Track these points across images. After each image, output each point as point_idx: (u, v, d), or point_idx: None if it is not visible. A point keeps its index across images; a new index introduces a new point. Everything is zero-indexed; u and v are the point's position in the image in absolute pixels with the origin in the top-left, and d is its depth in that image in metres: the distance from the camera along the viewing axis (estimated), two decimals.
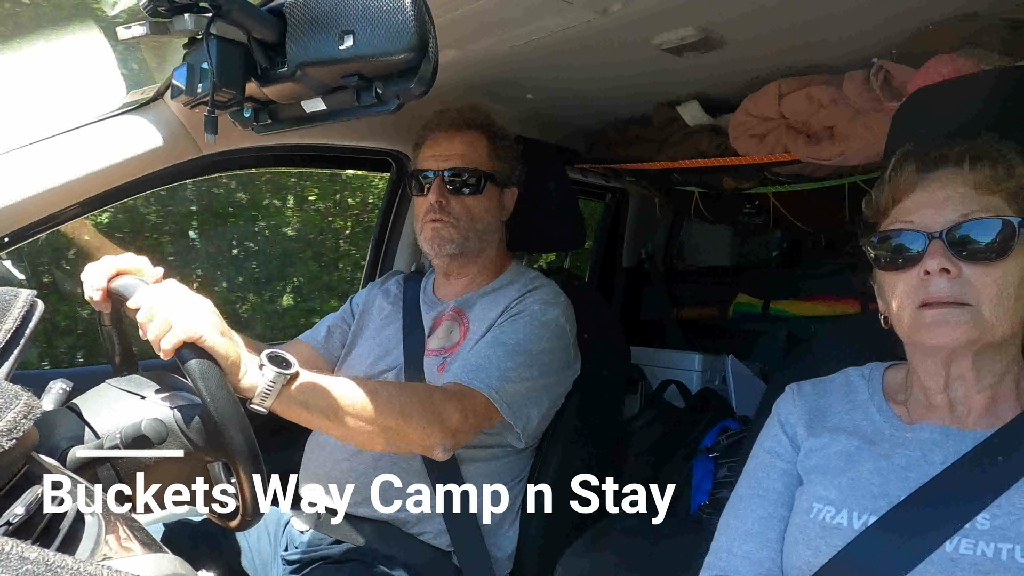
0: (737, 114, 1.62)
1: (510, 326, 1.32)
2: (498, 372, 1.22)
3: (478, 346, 1.30)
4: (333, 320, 1.59)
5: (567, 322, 1.38)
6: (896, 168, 0.85)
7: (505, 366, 1.24)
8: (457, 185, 1.40)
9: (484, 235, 1.44)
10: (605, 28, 1.27)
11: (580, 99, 1.77)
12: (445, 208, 1.40)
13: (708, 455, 1.73)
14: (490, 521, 1.32)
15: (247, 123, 0.87)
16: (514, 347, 1.27)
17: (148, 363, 1.05)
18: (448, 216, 1.40)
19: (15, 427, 0.50)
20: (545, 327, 1.33)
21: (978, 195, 0.79)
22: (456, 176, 1.40)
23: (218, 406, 0.83)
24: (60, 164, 1.20)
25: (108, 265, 1.04)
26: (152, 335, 0.86)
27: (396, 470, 1.29)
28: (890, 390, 0.91)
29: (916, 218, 0.81)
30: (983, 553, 0.72)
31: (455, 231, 1.40)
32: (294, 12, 0.76)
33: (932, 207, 0.80)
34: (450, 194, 1.40)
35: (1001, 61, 1.22)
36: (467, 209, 1.41)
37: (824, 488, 0.84)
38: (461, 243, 1.41)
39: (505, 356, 1.25)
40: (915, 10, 1.23)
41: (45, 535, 0.52)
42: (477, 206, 1.42)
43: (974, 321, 0.76)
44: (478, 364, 1.24)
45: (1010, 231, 0.76)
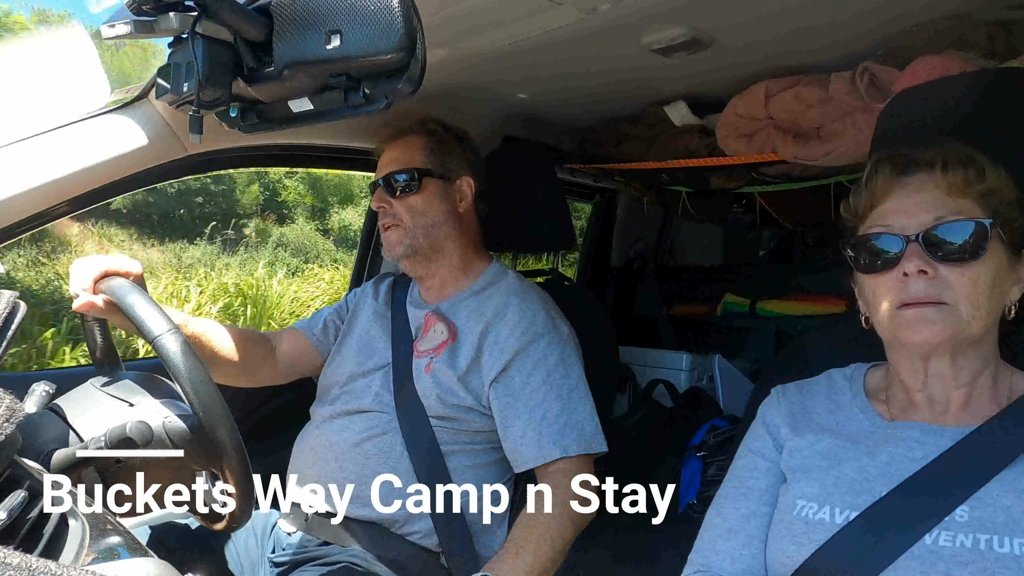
0: (725, 114, 1.62)
1: (534, 361, 1.33)
2: (562, 423, 1.29)
3: (520, 399, 1.31)
4: (329, 314, 1.60)
5: (557, 315, 1.42)
6: (872, 173, 0.88)
7: (563, 413, 1.30)
8: (393, 188, 1.44)
9: (432, 229, 1.45)
10: (594, 28, 1.28)
11: (569, 99, 1.77)
12: (388, 212, 1.44)
13: (697, 454, 1.74)
14: (489, 521, 1.33)
15: (234, 123, 0.87)
16: (552, 384, 1.32)
17: (133, 363, 1.04)
18: (392, 219, 1.44)
19: None
20: (557, 334, 1.37)
21: (951, 198, 0.82)
22: (391, 180, 1.45)
23: (204, 406, 0.83)
24: (44, 163, 1.19)
25: (98, 264, 1.03)
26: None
27: (386, 471, 1.29)
28: (872, 390, 0.94)
29: (892, 221, 0.83)
30: (962, 544, 0.73)
31: (401, 232, 1.44)
32: (281, 11, 0.75)
33: (907, 211, 0.83)
34: (391, 197, 1.44)
35: (985, 62, 1.24)
36: (407, 207, 1.44)
37: (808, 486, 0.86)
38: (409, 242, 1.44)
39: (556, 400, 1.31)
40: (901, 12, 1.25)
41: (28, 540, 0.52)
42: (417, 202, 1.44)
43: (952, 319, 0.79)
44: (544, 420, 1.28)
45: (982, 232, 0.79)
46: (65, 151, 1.21)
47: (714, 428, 1.80)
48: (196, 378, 0.84)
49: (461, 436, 1.33)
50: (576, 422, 1.30)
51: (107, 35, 0.79)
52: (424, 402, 1.33)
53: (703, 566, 0.91)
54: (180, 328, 0.88)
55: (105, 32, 0.80)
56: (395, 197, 1.44)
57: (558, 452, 1.26)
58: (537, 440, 1.27)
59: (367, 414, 1.36)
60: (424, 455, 1.30)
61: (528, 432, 1.28)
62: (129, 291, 0.94)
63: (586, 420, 1.32)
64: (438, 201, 1.46)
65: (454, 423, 1.32)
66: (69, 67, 1.26)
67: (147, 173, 1.33)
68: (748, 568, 0.88)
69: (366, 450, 1.32)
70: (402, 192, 1.44)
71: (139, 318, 0.89)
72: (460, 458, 1.32)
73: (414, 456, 1.29)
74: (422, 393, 1.33)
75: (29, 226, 1.22)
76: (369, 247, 1.97)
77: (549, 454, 1.26)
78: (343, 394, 1.42)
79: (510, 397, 1.31)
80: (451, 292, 1.48)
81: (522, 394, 1.31)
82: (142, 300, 0.92)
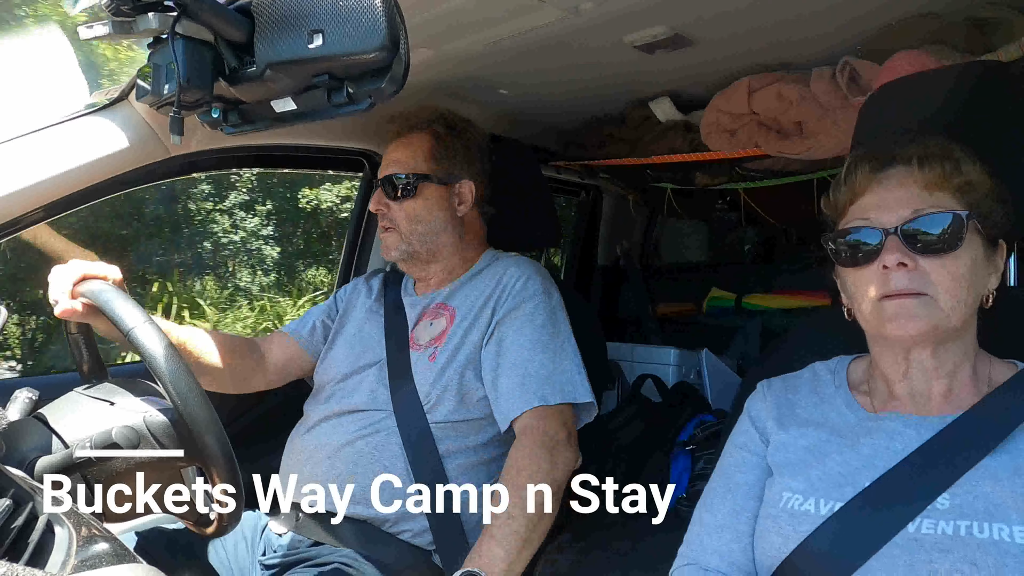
0: (708, 111, 1.63)
1: (521, 320, 1.34)
2: (544, 374, 1.28)
3: (507, 356, 1.31)
4: (318, 314, 1.58)
5: (550, 283, 1.42)
6: (852, 169, 0.89)
7: (546, 366, 1.29)
8: (391, 191, 1.44)
9: (429, 236, 1.45)
10: (577, 27, 1.28)
11: (554, 97, 1.77)
12: (386, 215, 1.44)
13: (685, 448, 1.75)
14: (475, 519, 1.32)
15: (216, 124, 0.86)
16: (538, 339, 1.31)
17: (117, 368, 1.03)
18: (390, 223, 1.44)
19: None
20: (548, 298, 1.38)
21: (928, 192, 0.83)
22: (390, 182, 1.44)
23: (189, 411, 0.82)
24: (22, 167, 1.17)
25: (76, 269, 1.01)
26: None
27: (380, 469, 1.29)
28: (855, 382, 0.95)
29: (872, 215, 0.85)
30: (943, 531, 0.75)
31: (398, 237, 1.44)
32: (262, 11, 0.75)
33: (886, 205, 0.84)
34: (390, 200, 1.44)
35: (963, 57, 1.26)
36: (405, 213, 1.44)
37: (793, 478, 0.87)
38: (405, 247, 1.44)
39: (542, 353, 1.30)
40: (880, 9, 1.26)
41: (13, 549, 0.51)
42: (414, 208, 1.44)
43: (933, 310, 0.80)
44: (526, 375, 1.28)
45: (959, 224, 0.81)
46: (44, 154, 1.19)
47: (702, 423, 1.81)
48: (172, 367, 0.82)
49: (457, 432, 1.32)
50: (559, 374, 1.30)
51: (85, 36, 0.78)
52: (422, 395, 1.32)
53: (692, 560, 0.92)
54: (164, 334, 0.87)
55: (83, 33, 0.79)
56: (393, 199, 1.43)
57: (536, 400, 1.26)
58: (520, 393, 1.27)
59: (361, 413, 1.35)
60: (420, 452, 1.29)
61: (512, 388, 1.28)
62: (105, 289, 0.93)
63: (571, 373, 1.32)
64: (436, 207, 1.45)
65: (451, 415, 1.32)
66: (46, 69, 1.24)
67: (129, 176, 1.31)
68: (736, 563, 0.89)
69: (359, 449, 1.31)
70: (401, 195, 1.43)
71: (114, 312, 0.88)
72: (455, 456, 1.32)
73: (410, 453, 1.29)
74: (421, 386, 1.33)
75: (7, 231, 1.20)
76: (356, 243, 1.96)
77: (528, 403, 1.26)
78: (337, 392, 1.41)
79: (499, 356, 1.32)
80: (447, 282, 1.48)
81: (509, 352, 1.31)
82: (117, 296, 0.91)
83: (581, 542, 1.33)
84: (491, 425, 1.33)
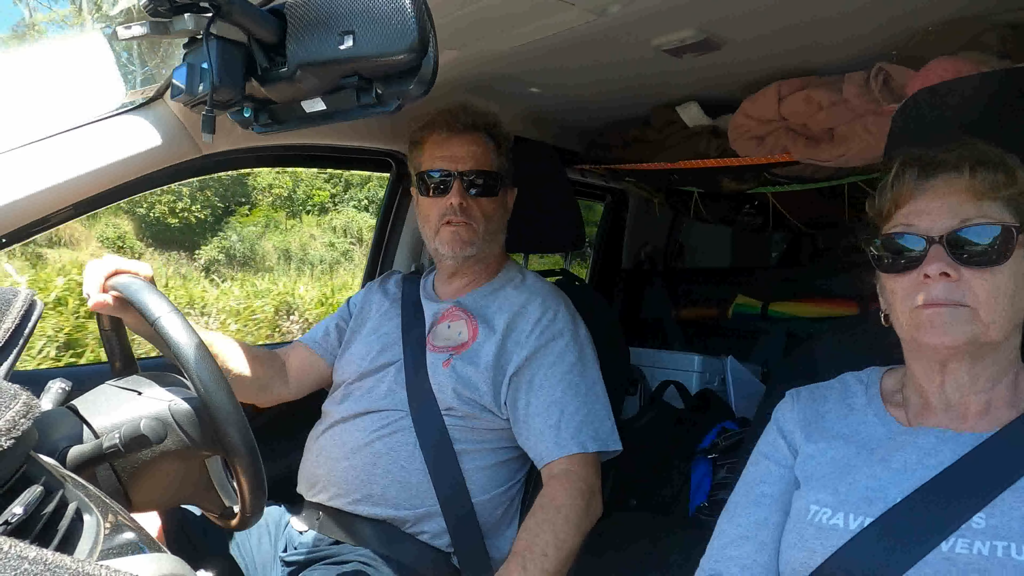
0: (736, 116, 1.61)
1: (552, 359, 1.34)
2: (579, 419, 1.29)
3: (539, 395, 1.31)
4: (331, 321, 1.59)
5: (576, 316, 1.42)
6: (898, 174, 0.86)
7: (580, 410, 1.30)
8: (475, 187, 1.41)
9: (497, 235, 1.47)
10: (605, 29, 1.27)
11: (579, 99, 1.77)
12: (466, 211, 1.40)
13: (707, 456, 1.73)
14: (500, 521, 1.33)
15: (247, 123, 0.87)
16: (569, 381, 1.32)
17: (147, 362, 1.05)
18: (468, 219, 1.40)
19: (14, 426, 0.49)
20: (576, 335, 1.38)
21: (978, 201, 0.80)
22: (474, 178, 1.41)
23: (214, 400, 0.83)
24: (59, 164, 1.20)
25: (108, 264, 1.04)
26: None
27: (398, 470, 1.30)
28: (888, 394, 0.92)
29: (917, 222, 0.82)
30: (979, 552, 0.72)
31: (474, 234, 1.41)
32: (294, 12, 0.76)
33: (932, 212, 0.81)
34: (469, 197, 1.41)
35: (1000, 63, 1.22)
36: (483, 211, 1.42)
37: (821, 491, 0.85)
38: (480, 245, 1.43)
39: (575, 397, 1.31)
40: (914, 12, 1.24)
41: (43, 535, 0.52)
42: (491, 208, 1.43)
43: (972, 322, 0.77)
44: (562, 416, 1.28)
45: (1009, 236, 0.78)
46: (80, 152, 1.22)
47: (724, 431, 1.79)
48: (198, 356, 0.84)
49: (474, 434, 1.33)
50: (593, 420, 1.31)
51: (123, 36, 0.80)
52: (439, 397, 1.33)
53: (714, 571, 0.91)
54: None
55: (121, 34, 0.81)
56: (472, 196, 1.41)
57: (576, 447, 1.27)
58: (555, 436, 1.27)
59: (378, 413, 1.36)
60: (437, 454, 1.30)
61: (547, 429, 1.28)
62: (134, 282, 0.95)
63: (603, 419, 1.32)
64: (503, 209, 1.48)
65: (468, 420, 1.32)
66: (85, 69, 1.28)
67: (161, 173, 1.34)
68: (759, 575, 0.87)
69: (377, 449, 1.32)
70: (479, 193, 1.41)
71: (141, 302, 0.90)
72: (473, 457, 1.32)
73: (427, 454, 1.29)
74: (437, 388, 1.33)
75: (44, 226, 1.23)
76: (381, 246, 1.96)
77: (567, 449, 1.26)
78: (355, 391, 1.42)
79: (529, 394, 1.31)
80: (471, 287, 1.48)
81: (541, 391, 1.31)
82: (145, 288, 0.93)
83: (595, 544, 1.32)
84: (507, 429, 1.33)
